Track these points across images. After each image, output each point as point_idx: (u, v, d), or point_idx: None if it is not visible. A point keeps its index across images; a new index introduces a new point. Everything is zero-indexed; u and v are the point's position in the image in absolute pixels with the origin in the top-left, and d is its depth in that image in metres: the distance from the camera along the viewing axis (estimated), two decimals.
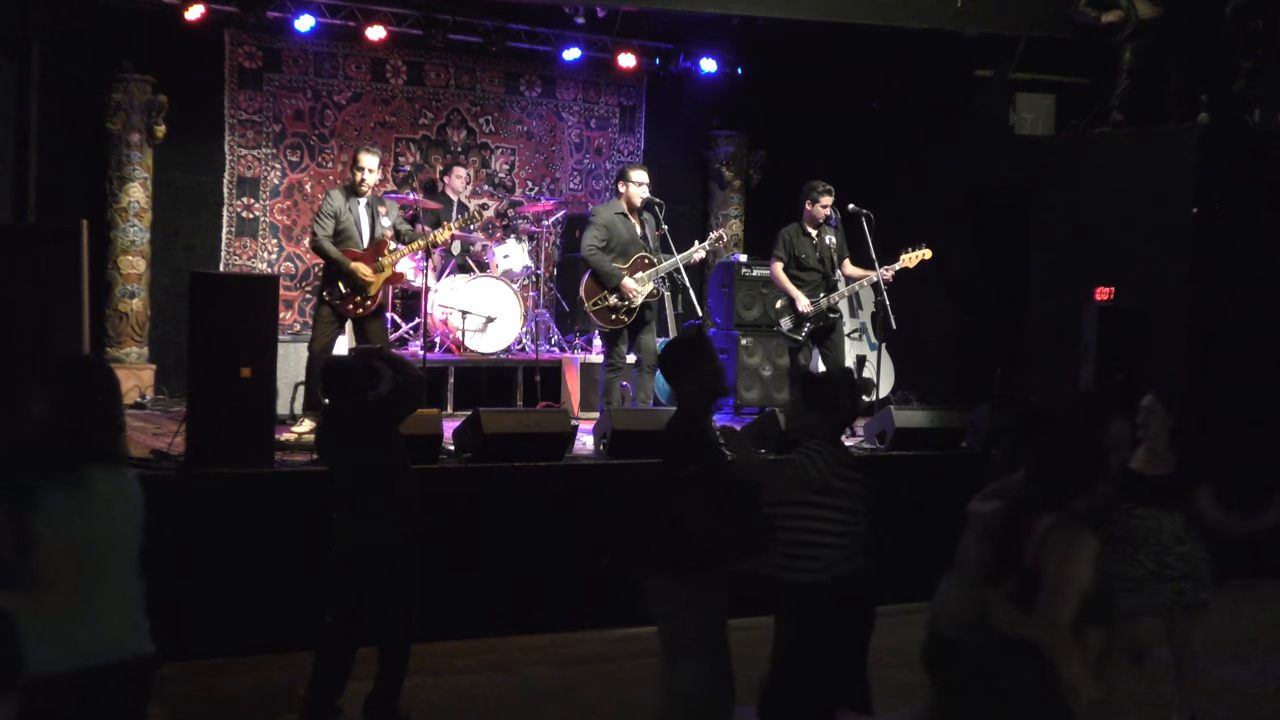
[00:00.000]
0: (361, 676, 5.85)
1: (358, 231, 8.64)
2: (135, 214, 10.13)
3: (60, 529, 3.49)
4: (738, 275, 10.96)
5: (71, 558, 3.50)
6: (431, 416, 7.59)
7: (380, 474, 5.73)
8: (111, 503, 3.63)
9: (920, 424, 8.74)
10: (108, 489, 3.63)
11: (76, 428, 3.62)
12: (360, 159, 8.67)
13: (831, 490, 4.84)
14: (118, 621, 3.63)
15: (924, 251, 9.31)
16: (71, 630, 3.53)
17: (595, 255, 8.78)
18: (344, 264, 8.49)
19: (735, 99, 12.32)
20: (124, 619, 3.65)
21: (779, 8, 10.38)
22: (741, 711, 5.02)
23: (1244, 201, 9.61)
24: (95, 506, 3.58)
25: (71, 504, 3.52)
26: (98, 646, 3.56)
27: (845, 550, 4.81)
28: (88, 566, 3.54)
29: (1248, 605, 8.39)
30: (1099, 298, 9.56)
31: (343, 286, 8.54)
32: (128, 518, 3.68)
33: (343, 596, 5.73)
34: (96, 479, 3.60)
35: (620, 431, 7.76)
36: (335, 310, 8.56)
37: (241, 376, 6.85)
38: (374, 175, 8.70)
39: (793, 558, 4.76)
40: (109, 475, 3.66)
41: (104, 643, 3.57)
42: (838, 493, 4.86)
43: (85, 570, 3.54)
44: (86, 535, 3.54)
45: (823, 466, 4.79)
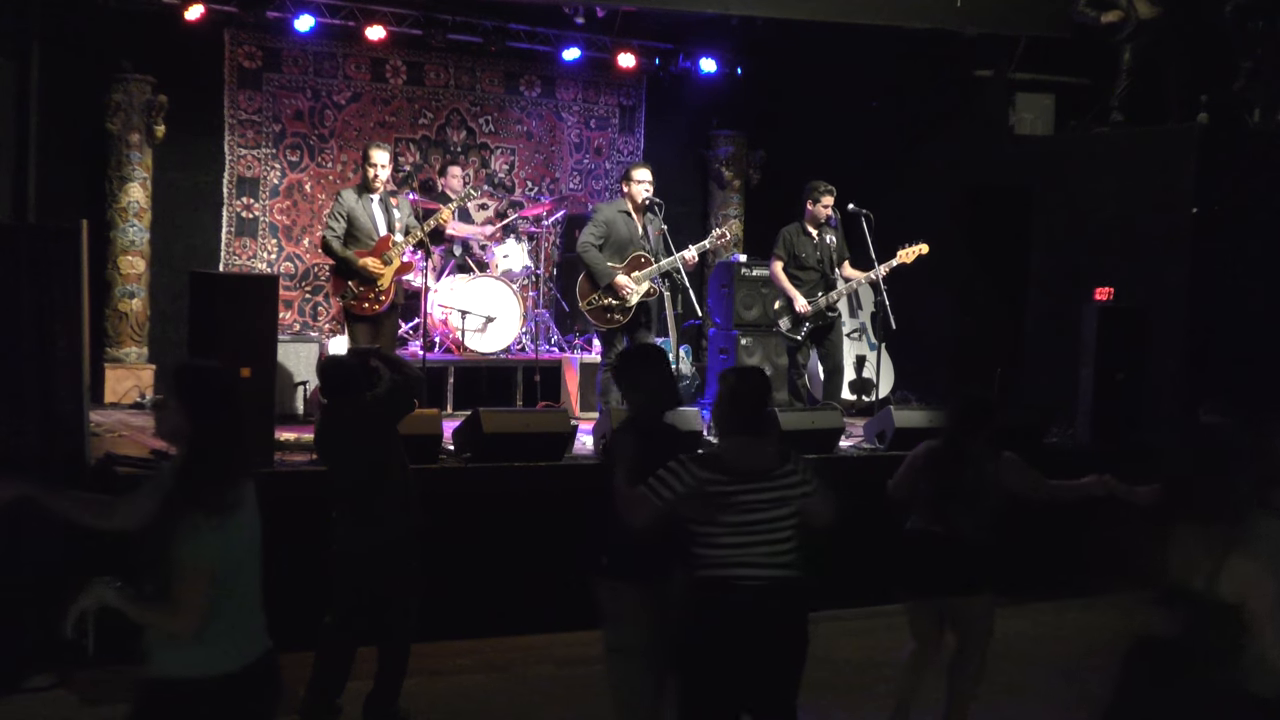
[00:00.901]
0: (361, 676, 5.85)
1: (373, 228, 8.69)
2: (135, 214, 10.13)
3: (205, 556, 3.40)
4: (737, 275, 10.96)
5: (210, 581, 3.42)
6: (431, 416, 7.59)
7: (379, 474, 5.73)
8: (247, 522, 3.57)
9: (920, 424, 8.72)
10: (243, 509, 3.55)
11: (226, 448, 3.50)
12: (372, 155, 8.72)
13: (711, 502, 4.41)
14: (243, 630, 3.59)
15: (920, 246, 9.32)
16: (200, 644, 3.46)
17: (589, 251, 8.77)
18: (352, 261, 8.53)
19: (735, 99, 12.32)
20: (249, 626, 3.62)
21: (779, 8, 10.38)
22: None
23: (1244, 201, 9.63)
24: (236, 531, 3.50)
25: (217, 531, 3.42)
26: (223, 657, 3.50)
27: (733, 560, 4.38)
28: (224, 586, 3.47)
29: None
30: (1099, 298, 9.56)
31: (354, 286, 8.58)
32: (257, 530, 3.63)
33: (342, 596, 5.73)
34: (243, 499, 3.53)
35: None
36: (351, 312, 8.63)
37: (241, 376, 6.85)
38: (386, 170, 8.75)
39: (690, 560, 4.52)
40: (244, 494, 3.56)
41: (230, 652, 3.52)
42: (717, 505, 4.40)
43: (220, 590, 3.46)
44: (226, 558, 3.47)
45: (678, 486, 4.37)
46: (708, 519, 4.38)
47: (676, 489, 4.38)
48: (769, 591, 4.37)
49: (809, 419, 8.55)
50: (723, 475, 4.39)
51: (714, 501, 4.36)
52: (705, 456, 4.49)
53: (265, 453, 7.00)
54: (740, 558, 4.38)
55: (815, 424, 8.47)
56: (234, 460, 3.53)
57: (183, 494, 3.42)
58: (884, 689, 6.74)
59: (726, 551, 4.38)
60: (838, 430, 8.63)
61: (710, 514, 4.38)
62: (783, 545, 4.43)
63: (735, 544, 4.39)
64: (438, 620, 6.99)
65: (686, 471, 4.39)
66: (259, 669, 3.58)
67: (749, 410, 4.56)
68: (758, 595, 4.36)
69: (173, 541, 3.37)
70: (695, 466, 4.41)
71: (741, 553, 4.38)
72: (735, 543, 4.38)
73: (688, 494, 4.37)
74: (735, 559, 4.38)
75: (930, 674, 5.76)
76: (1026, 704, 6.13)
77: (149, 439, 7.98)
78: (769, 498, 4.42)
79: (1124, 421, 8.93)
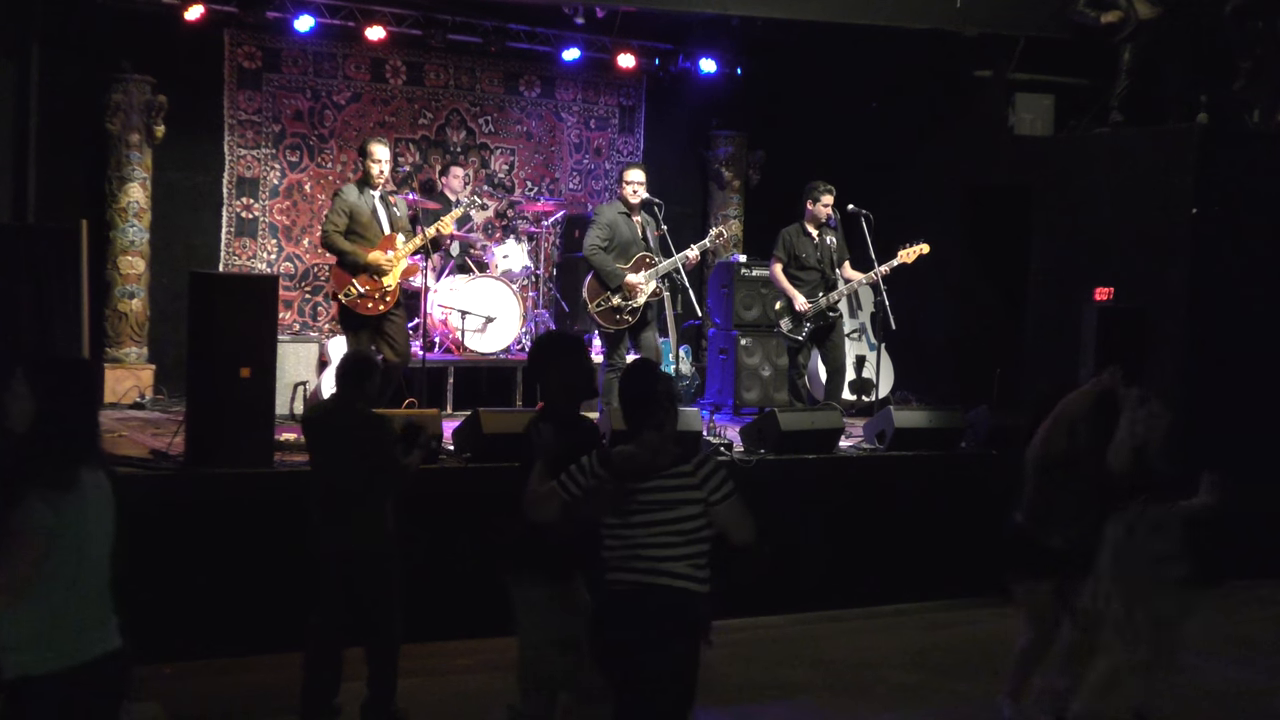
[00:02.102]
0: (360, 677, 5.84)
1: (376, 224, 8.50)
2: (135, 214, 10.12)
3: (32, 524, 3.50)
4: (737, 275, 10.96)
5: (38, 553, 3.51)
6: (431, 416, 7.59)
7: (364, 474, 5.68)
8: (93, 505, 3.65)
9: (919, 424, 8.74)
10: (91, 492, 3.65)
11: (68, 430, 3.66)
12: (373, 149, 8.52)
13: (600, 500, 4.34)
14: (93, 621, 3.67)
15: (921, 246, 9.33)
16: (50, 633, 3.57)
17: (597, 255, 8.77)
18: (360, 256, 8.34)
19: (735, 99, 12.31)
20: (98, 618, 3.69)
21: (778, 8, 10.38)
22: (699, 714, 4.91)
23: (1244, 201, 9.62)
24: (80, 511, 3.60)
25: (49, 506, 3.53)
26: (75, 647, 3.60)
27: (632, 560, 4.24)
28: (61, 575, 3.56)
29: (1248, 605, 8.41)
30: (1099, 298, 9.56)
31: (358, 285, 8.37)
32: (107, 519, 3.70)
33: (324, 597, 5.71)
34: (83, 483, 3.62)
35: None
36: (351, 311, 8.36)
37: (241, 376, 6.85)
38: (387, 165, 8.60)
39: None
40: (92, 478, 3.67)
41: (80, 643, 3.62)
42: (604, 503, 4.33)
43: (67, 573, 3.56)
44: (61, 540, 3.54)
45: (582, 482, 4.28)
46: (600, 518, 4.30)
47: (581, 484, 4.27)
48: (636, 598, 4.20)
49: (809, 419, 8.55)
50: (609, 473, 4.24)
51: (599, 500, 4.24)
52: (604, 453, 4.34)
53: (265, 453, 7.00)
54: (622, 563, 4.24)
55: (815, 424, 8.48)
56: (74, 444, 3.65)
57: (19, 469, 3.56)
58: (881, 690, 6.76)
59: (613, 554, 4.27)
60: (838, 430, 8.63)
61: (597, 513, 4.29)
62: (662, 550, 4.20)
63: (619, 546, 4.25)
64: (438, 620, 7.00)
65: (589, 465, 4.29)
66: (103, 667, 3.66)
67: (637, 403, 4.40)
68: (629, 602, 4.22)
69: (6, 512, 3.50)
70: (595, 463, 4.28)
71: (624, 556, 4.24)
72: (619, 544, 4.25)
73: (588, 491, 4.26)
74: (618, 564, 4.26)
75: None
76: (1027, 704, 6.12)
77: (149, 439, 7.98)
78: (653, 499, 4.21)
79: None
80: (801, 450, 8.30)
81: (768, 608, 7.81)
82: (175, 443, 7.28)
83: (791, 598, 7.95)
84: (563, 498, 4.29)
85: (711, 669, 5.00)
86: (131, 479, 6.73)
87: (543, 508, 4.37)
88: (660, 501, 4.21)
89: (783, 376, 10.30)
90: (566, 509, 4.29)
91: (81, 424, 3.72)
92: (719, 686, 6.17)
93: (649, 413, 4.35)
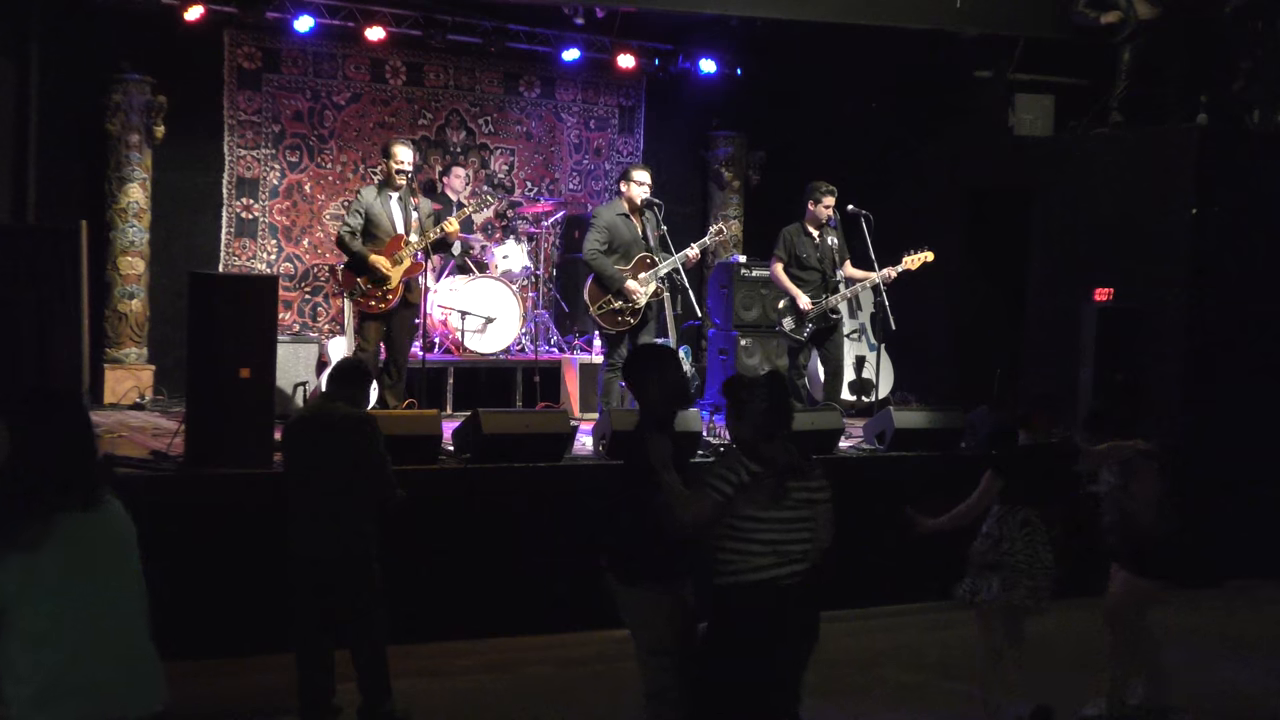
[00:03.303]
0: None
1: (390, 226, 8.64)
2: (134, 214, 10.12)
3: (25, 586, 3.12)
4: (737, 276, 10.96)
5: (44, 616, 3.12)
6: (431, 417, 7.59)
7: (343, 478, 5.64)
8: (62, 564, 3.18)
9: (919, 425, 8.73)
10: (54, 547, 3.17)
11: (42, 472, 3.20)
12: (396, 151, 8.67)
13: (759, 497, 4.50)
14: (83, 689, 3.18)
15: (926, 254, 9.34)
16: (56, 696, 3.14)
17: (597, 259, 8.78)
18: (364, 257, 8.49)
19: (735, 99, 12.31)
20: (93, 685, 3.20)
21: (778, 8, 10.38)
22: None
23: (1244, 201, 9.62)
24: (36, 572, 3.14)
25: (33, 560, 3.13)
26: (88, 709, 3.17)
27: (769, 557, 4.45)
28: (36, 634, 3.14)
29: (1247, 605, 8.41)
30: (1099, 298, 9.56)
31: (363, 283, 8.56)
32: (92, 577, 3.22)
33: (302, 600, 5.68)
34: (71, 526, 3.20)
35: (620, 432, 7.74)
36: (359, 309, 8.61)
37: (241, 377, 6.85)
38: (410, 167, 8.72)
39: (717, 563, 4.51)
40: (71, 521, 3.21)
41: (66, 713, 3.16)
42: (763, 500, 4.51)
43: (35, 639, 3.14)
44: (21, 598, 3.12)
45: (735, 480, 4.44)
46: (752, 514, 4.41)
47: (734, 482, 4.42)
48: (800, 586, 4.46)
49: (809, 420, 8.53)
50: (770, 469, 4.44)
51: (764, 493, 4.41)
52: (748, 450, 4.52)
53: (265, 453, 7.00)
54: (779, 555, 4.43)
55: (815, 425, 8.46)
56: (40, 492, 3.19)
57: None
58: (881, 690, 6.75)
59: (765, 548, 4.42)
60: (838, 431, 8.62)
61: (759, 508, 4.42)
62: (808, 544, 4.53)
63: (774, 539, 4.43)
64: (438, 620, 7.00)
65: (741, 464, 4.44)
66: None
67: (786, 414, 4.65)
68: (791, 591, 4.44)
69: None
70: (747, 460, 4.46)
71: (780, 549, 4.43)
72: (774, 539, 4.43)
73: (742, 487, 4.41)
74: (774, 557, 4.43)
75: None
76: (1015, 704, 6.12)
77: (149, 439, 7.98)
78: (803, 496, 4.51)
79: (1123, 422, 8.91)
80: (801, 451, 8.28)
81: None
82: (175, 443, 7.27)
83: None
84: (716, 499, 4.42)
85: None
86: (131, 479, 6.73)
87: (698, 510, 4.46)
88: (806, 500, 4.54)
89: None
90: (719, 509, 4.42)
91: (54, 467, 3.23)
92: None
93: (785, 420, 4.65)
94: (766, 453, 4.51)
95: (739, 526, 4.42)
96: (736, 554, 4.43)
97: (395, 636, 5.91)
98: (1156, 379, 9.13)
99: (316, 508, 5.64)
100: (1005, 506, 5.88)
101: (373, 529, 5.74)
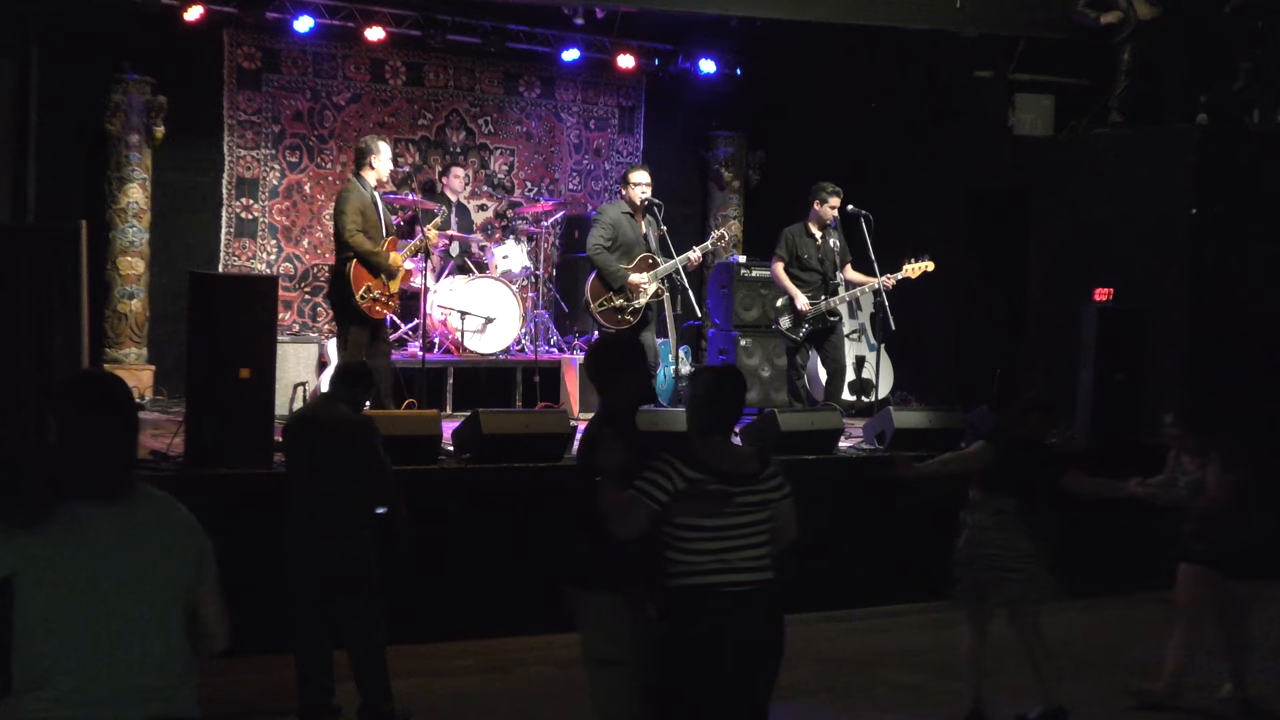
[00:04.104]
0: None
1: (380, 224, 8.43)
2: (134, 215, 10.12)
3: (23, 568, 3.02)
4: (737, 276, 10.96)
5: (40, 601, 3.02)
6: (431, 417, 7.59)
7: (342, 480, 5.64)
8: (82, 554, 3.06)
9: (919, 425, 8.73)
10: (100, 526, 3.09)
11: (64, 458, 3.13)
12: (382, 148, 8.44)
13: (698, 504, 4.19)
14: (103, 683, 3.06)
15: (927, 264, 9.35)
16: (47, 692, 3.02)
17: (601, 254, 8.78)
18: (381, 259, 8.26)
19: (734, 100, 12.32)
20: (114, 680, 3.07)
21: (778, 8, 10.39)
22: None
23: (1244, 202, 9.62)
24: (47, 552, 3.03)
25: (33, 543, 3.02)
26: (76, 712, 3.03)
27: (712, 565, 4.13)
28: (50, 624, 3.03)
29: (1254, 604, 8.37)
30: (1098, 298, 9.56)
31: (373, 288, 8.29)
32: (114, 566, 3.09)
33: (301, 601, 5.67)
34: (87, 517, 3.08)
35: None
36: (361, 313, 8.27)
37: (241, 377, 6.85)
38: (389, 164, 8.56)
39: (665, 566, 4.23)
40: (105, 512, 3.10)
41: (84, 708, 3.03)
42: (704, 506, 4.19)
43: (50, 628, 3.03)
44: (28, 580, 3.02)
45: (669, 487, 4.12)
46: (690, 522, 4.13)
47: (669, 489, 4.13)
48: (750, 597, 4.16)
49: (809, 420, 8.55)
50: (710, 475, 4.15)
51: (701, 503, 4.13)
52: (689, 455, 4.20)
53: (264, 453, 7.00)
54: (722, 563, 4.14)
55: (815, 425, 8.47)
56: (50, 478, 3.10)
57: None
58: (881, 690, 6.75)
59: (707, 557, 4.14)
60: (837, 431, 8.63)
61: (695, 516, 4.13)
62: (762, 550, 4.21)
63: (717, 549, 4.14)
64: (438, 620, 7.00)
65: (675, 471, 4.14)
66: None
67: (732, 409, 4.37)
68: (739, 601, 4.14)
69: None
70: (683, 465, 4.15)
71: (724, 558, 4.14)
72: (717, 547, 4.14)
73: (677, 495, 4.11)
74: (716, 565, 4.14)
75: None
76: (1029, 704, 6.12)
77: (149, 439, 7.98)
78: (753, 501, 4.20)
79: (1123, 422, 8.92)
80: (801, 451, 8.29)
81: None
82: (175, 443, 7.27)
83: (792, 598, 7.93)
84: (650, 506, 4.13)
85: None
86: None
87: (630, 519, 4.16)
88: (758, 503, 4.21)
89: (782, 377, 10.30)
90: (653, 517, 4.13)
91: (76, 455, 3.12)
92: None
93: (734, 421, 4.38)
94: (706, 455, 4.21)
95: (678, 535, 4.14)
96: (676, 562, 4.16)
97: (395, 636, 5.90)
98: (1156, 379, 9.14)
99: (314, 508, 5.64)
100: (982, 494, 5.94)
101: (371, 531, 5.73)
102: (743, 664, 4.17)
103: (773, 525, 4.26)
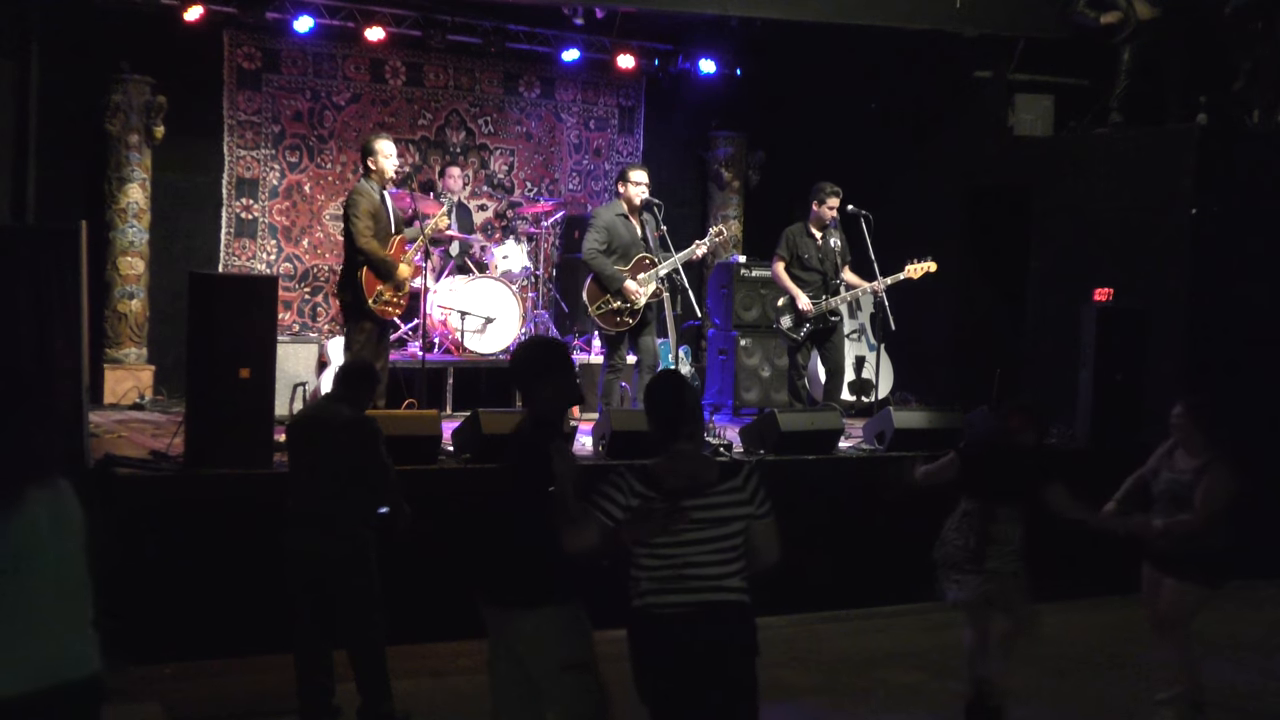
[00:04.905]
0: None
1: (389, 224, 8.32)
2: (134, 215, 10.12)
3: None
4: (737, 276, 10.96)
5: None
6: (430, 417, 7.59)
7: (342, 480, 5.63)
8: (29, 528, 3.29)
9: (919, 425, 8.73)
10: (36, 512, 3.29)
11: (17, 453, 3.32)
12: (382, 146, 8.30)
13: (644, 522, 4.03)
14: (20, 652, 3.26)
15: (929, 264, 9.35)
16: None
17: (596, 259, 8.77)
18: (390, 265, 8.15)
19: (734, 100, 12.32)
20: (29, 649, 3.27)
21: (778, 9, 10.39)
22: None
23: (1244, 201, 9.62)
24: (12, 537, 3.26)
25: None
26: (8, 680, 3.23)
27: (669, 584, 3.99)
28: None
29: (1246, 605, 8.39)
30: (1098, 298, 9.56)
31: (384, 291, 8.21)
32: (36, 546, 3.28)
33: (300, 601, 5.67)
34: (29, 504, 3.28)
35: (619, 432, 7.75)
36: (372, 315, 8.17)
37: (240, 377, 6.85)
38: (393, 162, 8.42)
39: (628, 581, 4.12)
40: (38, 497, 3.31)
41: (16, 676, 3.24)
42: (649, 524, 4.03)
43: None
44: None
45: (622, 502, 4.01)
46: (639, 540, 3.97)
47: (623, 504, 3.98)
48: (699, 620, 3.95)
49: (809, 420, 8.55)
50: (656, 492, 3.97)
51: (647, 523, 3.95)
52: (641, 469, 4.04)
53: (264, 453, 7.00)
54: (668, 584, 3.98)
55: (815, 425, 8.47)
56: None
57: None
58: (881, 690, 6.75)
59: (655, 576, 3.99)
60: (837, 431, 8.62)
61: (643, 537, 3.97)
62: (723, 569, 3.99)
63: (667, 567, 3.97)
64: (438, 620, 6.99)
65: (627, 485, 4.00)
66: (48, 700, 3.27)
67: (674, 414, 4.12)
68: (686, 625, 3.95)
69: None
70: (635, 480, 4.00)
71: (670, 577, 3.97)
72: (667, 565, 3.97)
73: (629, 511, 3.95)
74: (662, 585, 3.98)
75: None
76: (1028, 704, 6.12)
77: (148, 439, 7.98)
78: (708, 517, 3.98)
79: (1123, 423, 8.92)
80: (801, 451, 8.29)
81: (768, 608, 7.75)
82: (175, 443, 7.27)
83: (791, 598, 7.94)
84: (603, 523, 3.98)
85: None
86: (131, 479, 6.73)
87: (584, 537, 3.99)
88: (714, 519, 4.00)
89: (782, 377, 10.30)
90: (610, 535, 3.98)
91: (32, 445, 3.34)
92: None
93: (682, 425, 4.11)
94: (659, 468, 4.02)
95: (634, 552, 3.99)
96: (633, 580, 4.03)
97: (395, 636, 5.90)
98: (1156, 379, 9.13)
99: (314, 508, 5.64)
100: (963, 500, 5.96)
101: (371, 532, 5.73)
102: (697, 688, 3.96)
103: (742, 543, 4.04)
